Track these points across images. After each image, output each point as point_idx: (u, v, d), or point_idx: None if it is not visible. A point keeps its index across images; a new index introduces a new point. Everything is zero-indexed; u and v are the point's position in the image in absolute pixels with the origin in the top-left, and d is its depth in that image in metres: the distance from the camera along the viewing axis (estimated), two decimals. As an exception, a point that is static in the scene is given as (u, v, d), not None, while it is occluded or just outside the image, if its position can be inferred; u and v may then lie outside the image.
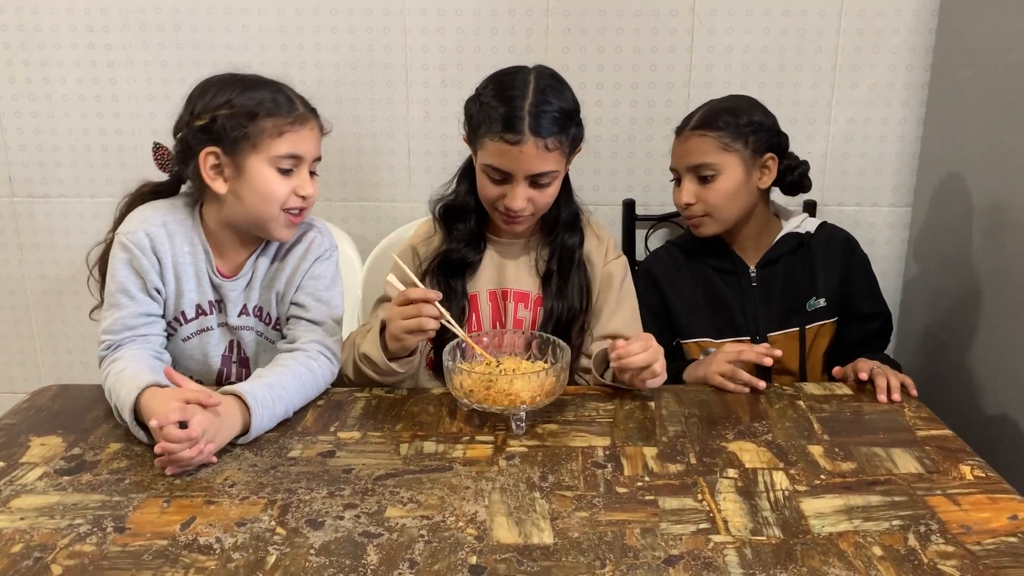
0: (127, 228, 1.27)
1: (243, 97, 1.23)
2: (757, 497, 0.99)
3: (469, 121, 1.39)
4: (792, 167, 1.50)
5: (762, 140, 1.45)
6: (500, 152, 1.31)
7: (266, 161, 1.23)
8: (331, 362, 1.31)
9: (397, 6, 1.76)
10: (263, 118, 1.22)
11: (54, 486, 1.03)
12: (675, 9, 1.74)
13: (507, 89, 1.33)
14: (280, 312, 1.35)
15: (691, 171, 1.46)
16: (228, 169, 1.23)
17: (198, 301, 1.31)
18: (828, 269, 1.51)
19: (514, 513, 0.96)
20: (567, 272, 1.44)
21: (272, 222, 1.26)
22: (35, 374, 2.04)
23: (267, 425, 1.16)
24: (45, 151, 1.88)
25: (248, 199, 1.24)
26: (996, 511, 0.96)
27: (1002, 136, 1.47)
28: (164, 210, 1.30)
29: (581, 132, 1.39)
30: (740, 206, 1.47)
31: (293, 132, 1.24)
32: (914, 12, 1.72)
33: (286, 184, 1.25)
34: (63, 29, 1.79)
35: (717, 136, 1.43)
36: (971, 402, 1.55)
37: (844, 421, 1.20)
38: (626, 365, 1.21)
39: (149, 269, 1.26)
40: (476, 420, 1.19)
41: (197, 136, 1.23)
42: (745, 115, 1.45)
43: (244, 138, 1.21)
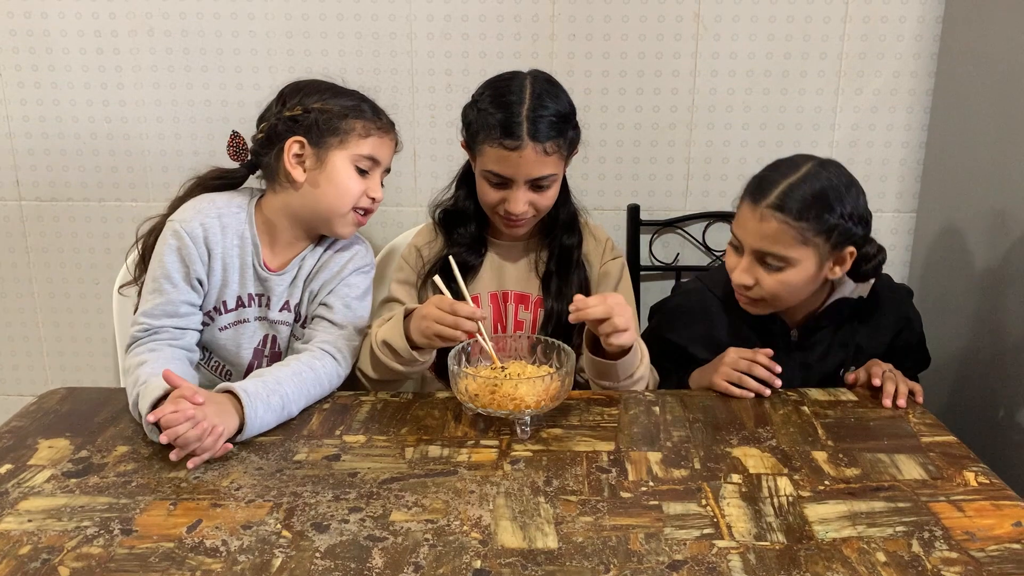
0: (182, 216, 1.32)
1: (336, 100, 1.33)
2: (761, 502, 0.99)
3: (467, 127, 1.41)
4: (869, 257, 1.31)
5: (847, 234, 1.26)
6: (499, 158, 1.33)
7: (348, 158, 1.31)
8: (338, 363, 1.31)
9: (403, 12, 1.77)
10: (354, 119, 1.32)
11: (61, 488, 1.04)
12: (680, 15, 1.74)
13: (504, 95, 1.35)
14: (309, 311, 1.39)
15: (757, 254, 1.27)
16: (310, 160, 1.31)
17: (239, 293, 1.35)
18: (874, 339, 1.38)
19: (518, 517, 0.96)
20: (566, 272, 1.45)
21: (341, 218, 1.33)
22: (42, 377, 2.05)
23: (264, 418, 1.15)
24: (53, 155, 1.89)
25: (324, 191, 1.31)
26: (1000, 518, 0.96)
27: (1007, 142, 1.48)
28: (221, 201, 1.35)
29: (578, 134, 1.41)
30: (801, 296, 1.31)
31: (378, 137, 1.34)
32: (918, 18, 1.73)
33: (361, 183, 1.33)
34: (72, 34, 1.80)
35: (799, 227, 1.23)
36: (976, 408, 1.55)
37: (848, 427, 1.20)
38: (583, 317, 1.19)
39: (196, 259, 1.30)
40: (481, 424, 1.20)
41: (287, 124, 1.31)
42: (838, 207, 1.24)
43: (333, 132, 1.30)
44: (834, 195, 1.25)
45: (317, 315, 1.37)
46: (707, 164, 1.83)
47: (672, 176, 1.85)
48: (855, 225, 1.27)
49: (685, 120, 1.81)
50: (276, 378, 1.21)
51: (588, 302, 1.20)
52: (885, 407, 1.25)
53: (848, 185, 1.28)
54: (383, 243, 1.77)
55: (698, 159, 1.84)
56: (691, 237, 1.88)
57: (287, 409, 1.20)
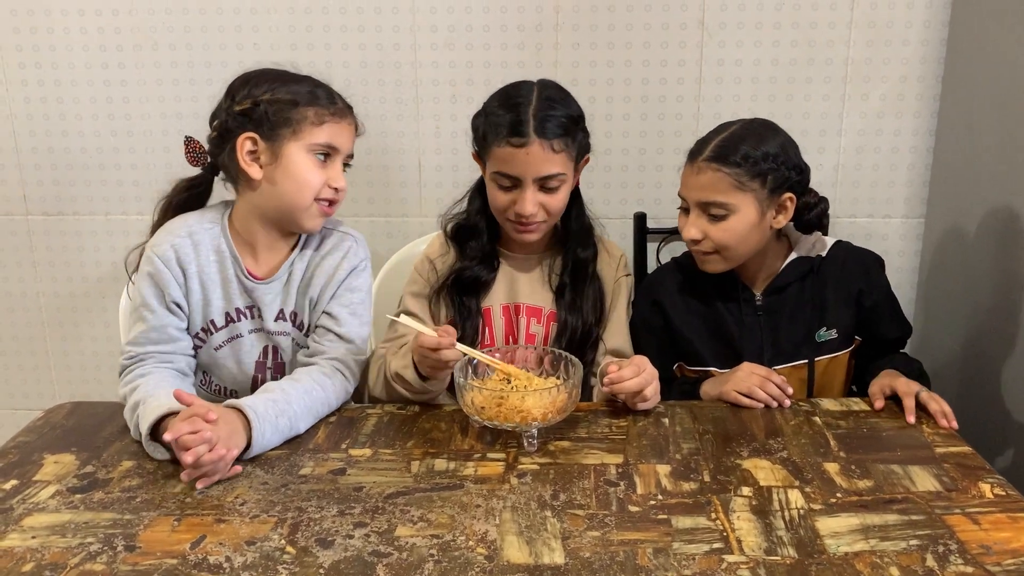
0: (154, 241, 1.30)
1: (285, 88, 1.26)
2: (772, 516, 0.98)
3: (476, 134, 1.41)
4: (810, 206, 1.39)
5: (781, 178, 1.33)
6: (507, 157, 1.33)
7: (304, 148, 1.25)
8: (347, 380, 1.31)
9: (407, 23, 1.77)
10: (305, 107, 1.25)
11: (66, 504, 1.03)
12: (684, 23, 1.74)
13: (512, 98, 1.36)
14: (312, 320, 1.35)
15: (700, 206, 1.35)
16: (265, 155, 1.25)
17: (227, 309, 1.32)
18: (840, 297, 1.41)
19: (525, 532, 0.95)
20: (581, 285, 1.44)
21: (304, 212, 1.28)
22: (49, 391, 2.05)
23: (271, 439, 1.15)
24: (59, 169, 1.89)
25: (283, 185, 1.26)
26: (1017, 530, 0.94)
27: (1015, 146, 1.46)
28: (191, 220, 1.31)
29: (587, 140, 1.41)
30: (750, 245, 1.37)
31: (334, 123, 1.27)
32: (924, 23, 1.72)
33: (321, 173, 1.27)
34: (77, 48, 1.81)
35: (733, 173, 1.31)
36: (988, 415, 1.53)
37: (861, 437, 1.18)
38: (618, 391, 1.22)
39: (170, 281, 1.27)
40: (488, 437, 1.19)
41: (237, 120, 1.25)
42: (765, 150, 1.32)
43: (285, 124, 1.24)
44: (762, 143, 1.33)
45: (322, 325, 1.33)
46: (714, 172, 1.82)
47: (678, 184, 1.83)
48: (788, 170, 1.34)
49: (691, 128, 1.80)
50: (286, 397, 1.20)
51: (623, 375, 1.21)
52: (942, 427, 1.21)
53: (776, 135, 1.36)
54: (389, 253, 1.76)
55: (705, 167, 1.82)
56: (698, 245, 1.87)
57: (294, 429, 1.19)
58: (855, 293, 1.42)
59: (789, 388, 1.29)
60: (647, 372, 1.23)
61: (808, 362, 1.42)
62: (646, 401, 1.24)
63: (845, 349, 1.44)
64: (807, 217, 1.40)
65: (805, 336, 1.42)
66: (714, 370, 1.43)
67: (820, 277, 1.42)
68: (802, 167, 1.38)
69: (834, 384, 1.45)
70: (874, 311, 1.43)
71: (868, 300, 1.43)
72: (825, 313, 1.42)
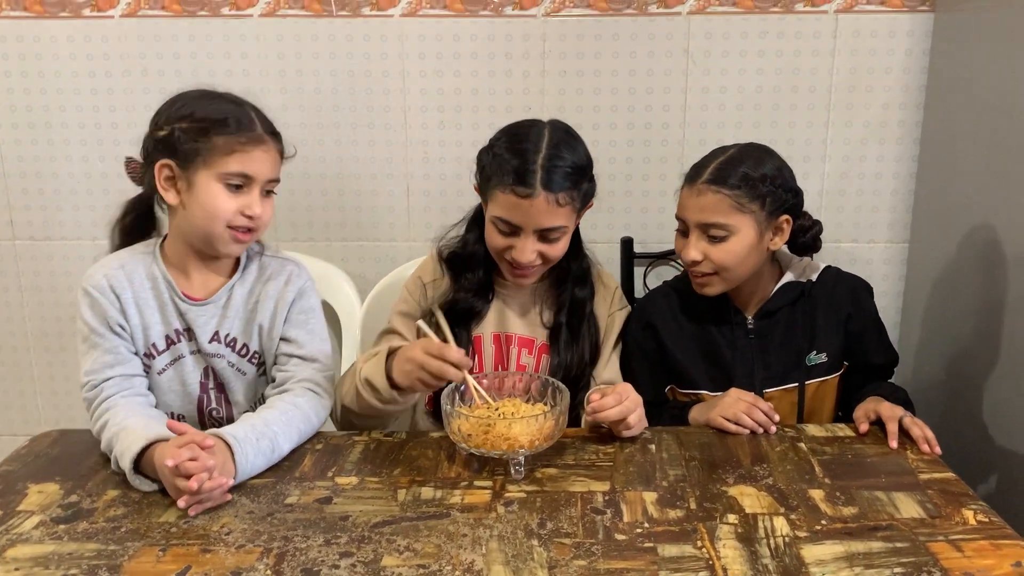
0: (87, 276, 1.31)
1: (203, 111, 1.25)
2: (757, 543, 0.98)
3: (481, 171, 1.39)
4: (805, 228, 1.43)
5: (779, 200, 1.36)
6: (511, 205, 1.31)
7: (214, 177, 1.24)
8: (320, 397, 1.31)
9: (395, 50, 1.78)
10: (215, 135, 1.23)
11: (50, 535, 1.02)
12: (669, 51, 1.76)
13: (520, 142, 1.33)
14: (266, 347, 1.36)
15: (700, 228, 1.36)
16: (180, 182, 1.25)
17: (166, 332, 1.32)
18: (830, 322, 1.43)
19: (511, 562, 0.95)
20: (577, 325, 1.43)
21: (217, 239, 1.27)
22: (35, 417, 2.04)
23: (255, 461, 1.15)
24: (46, 194, 1.89)
25: (195, 213, 1.25)
26: (1000, 558, 0.95)
27: (996, 171, 1.48)
28: (123, 255, 1.33)
29: (593, 188, 1.39)
30: (748, 267, 1.38)
31: (244, 152, 1.24)
32: (906, 51, 1.74)
33: (233, 202, 1.25)
34: (65, 74, 1.82)
35: (733, 195, 1.33)
36: (972, 440, 1.54)
37: (846, 464, 1.19)
38: (600, 419, 1.22)
39: (108, 307, 1.28)
40: (475, 464, 1.19)
41: (156, 147, 1.26)
42: (763, 172, 1.34)
43: (195, 153, 1.23)
44: (760, 166, 1.36)
45: (283, 352, 1.34)
46: (700, 197, 1.84)
47: (664, 209, 1.85)
48: (785, 193, 1.37)
49: (676, 154, 1.82)
50: (264, 420, 1.21)
51: (605, 403, 1.21)
52: (924, 452, 1.22)
53: (772, 158, 1.39)
54: (377, 278, 1.77)
55: (690, 192, 1.84)
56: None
57: (277, 451, 1.19)
58: (843, 318, 1.44)
59: (775, 415, 1.30)
60: (630, 400, 1.23)
61: (799, 385, 1.43)
62: (630, 429, 1.24)
63: (835, 373, 1.45)
64: (802, 240, 1.43)
65: (796, 360, 1.43)
66: (705, 393, 1.43)
67: (811, 301, 1.44)
68: (797, 190, 1.40)
69: (824, 408, 1.46)
70: (861, 336, 1.45)
71: (855, 325, 1.45)
72: (815, 337, 1.43)
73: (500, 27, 1.76)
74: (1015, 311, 1.43)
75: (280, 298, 1.35)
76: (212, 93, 1.29)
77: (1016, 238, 1.43)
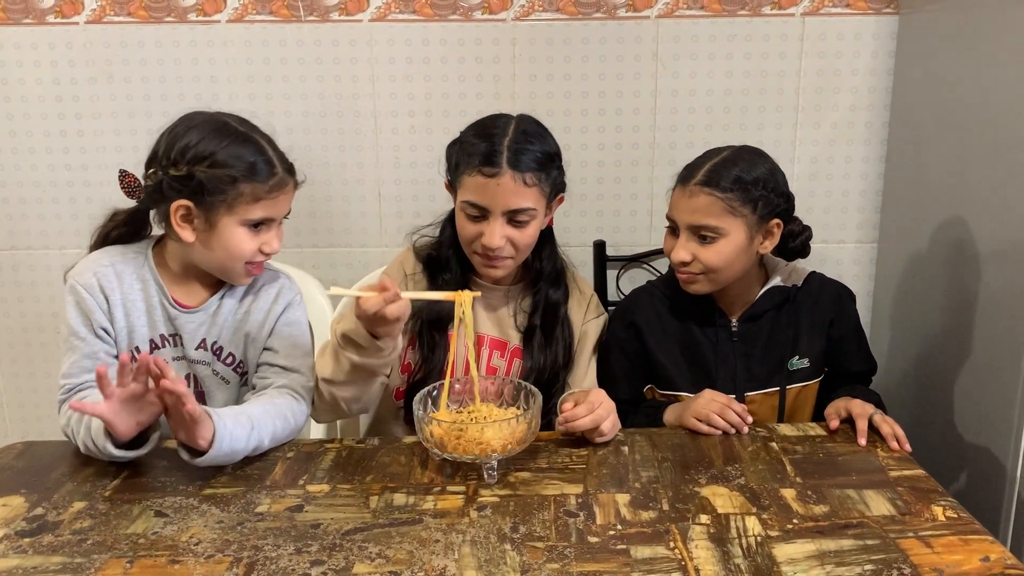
0: (75, 272, 1.29)
1: (225, 154, 1.21)
2: (729, 544, 0.98)
3: (449, 163, 1.39)
4: (795, 234, 1.43)
5: (770, 204, 1.36)
6: (478, 186, 1.31)
7: (238, 222, 1.24)
8: (297, 401, 1.30)
9: (365, 55, 1.78)
10: (243, 183, 1.22)
11: (14, 549, 1.00)
12: (638, 55, 1.77)
13: (488, 128, 1.35)
14: (250, 357, 1.35)
15: (692, 229, 1.37)
16: (199, 221, 1.24)
17: (151, 336, 1.31)
18: (813, 327, 1.45)
19: (484, 567, 0.95)
20: (551, 328, 1.42)
21: (232, 272, 1.29)
22: (2, 429, 2.00)
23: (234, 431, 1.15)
24: (12, 203, 1.86)
25: (214, 252, 1.26)
26: (968, 553, 0.96)
27: (963, 170, 1.50)
28: (112, 252, 1.32)
29: (562, 178, 1.39)
30: (737, 269, 1.39)
31: (270, 200, 1.25)
32: (872, 53, 1.76)
33: (254, 241, 1.27)
34: (29, 81, 1.79)
35: (725, 198, 1.33)
36: (942, 436, 1.56)
37: (817, 462, 1.19)
38: (572, 428, 1.22)
39: (95, 308, 1.27)
40: (448, 469, 1.18)
41: (173, 186, 1.22)
42: (756, 175, 1.35)
43: (221, 198, 1.22)
44: (753, 169, 1.36)
45: (265, 362, 1.34)
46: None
47: (636, 212, 1.86)
48: (777, 197, 1.37)
49: (647, 157, 1.83)
50: (243, 407, 1.22)
51: (577, 413, 1.21)
52: (893, 449, 1.23)
53: (765, 162, 1.39)
54: (349, 284, 1.75)
55: (661, 195, 1.84)
56: (657, 272, 1.89)
57: (256, 430, 1.19)
58: (827, 324, 1.45)
59: (748, 417, 1.30)
60: (602, 408, 1.23)
61: (780, 390, 1.44)
62: (603, 436, 1.24)
63: (816, 378, 1.46)
64: (792, 244, 1.44)
65: (778, 364, 1.44)
66: (684, 395, 1.43)
67: (795, 306, 1.45)
68: (789, 195, 1.41)
69: (805, 412, 1.47)
70: (841, 343, 1.46)
71: (837, 332, 1.46)
72: (798, 342, 1.44)
73: (470, 31, 1.76)
74: (983, 309, 1.45)
75: (269, 310, 1.35)
76: (227, 126, 1.25)
77: (983, 236, 1.44)
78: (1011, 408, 1.36)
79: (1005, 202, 1.37)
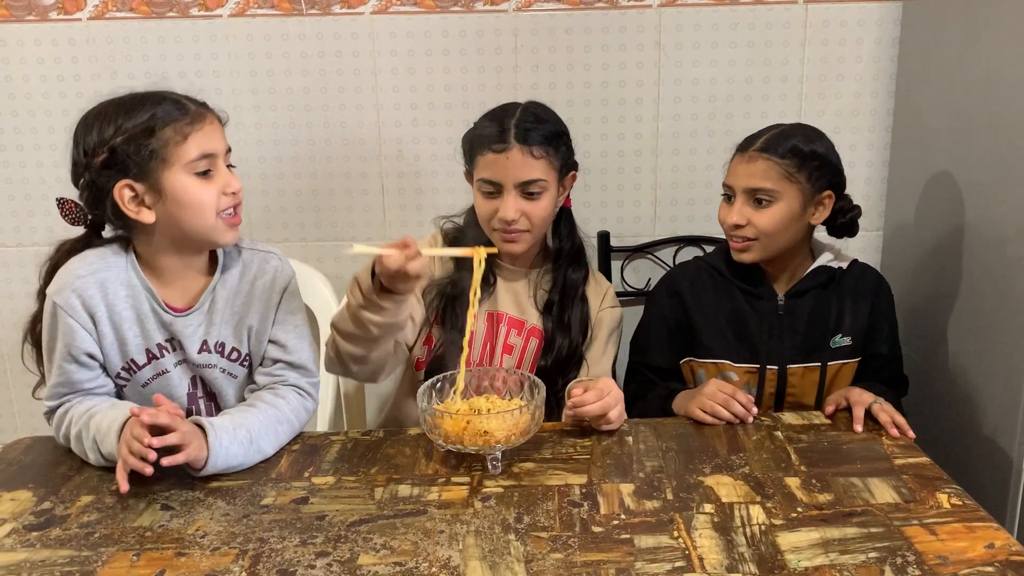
0: (54, 288, 1.22)
1: (131, 119, 1.16)
2: (733, 532, 0.99)
3: (464, 150, 1.46)
4: (846, 209, 1.46)
5: (824, 176, 1.41)
6: (489, 163, 1.39)
7: (182, 171, 1.17)
8: (303, 399, 1.30)
9: (367, 48, 1.77)
10: (160, 129, 1.15)
11: (22, 543, 1.01)
12: (641, 44, 1.76)
13: (498, 113, 1.43)
14: (254, 350, 1.31)
15: (748, 193, 1.41)
16: (149, 196, 1.17)
17: (146, 346, 1.25)
18: (856, 308, 1.47)
19: (488, 556, 0.95)
20: (569, 303, 1.47)
21: (212, 230, 1.21)
22: (11, 425, 2.02)
23: (230, 449, 1.14)
24: (17, 200, 1.87)
25: (181, 217, 1.19)
26: (973, 540, 0.96)
27: (967, 158, 1.49)
28: (92, 258, 1.23)
29: (571, 155, 1.46)
30: (788, 237, 1.42)
31: (197, 132, 1.18)
32: (876, 40, 1.75)
33: (211, 188, 1.19)
34: (33, 78, 1.80)
35: (783, 163, 1.38)
36: (947, 424, 1.56)
37: (821, 451, 1.19)
38: (581, 414, 1.23)
39: (77, 331, 1.20)
40: (452, 461, 1.18)
41: (102, 174, 1.16)
42: (813, 148, 1.40)
43: (151, 157, 1.15)
44: (810, 142, 1.41)
45: (272, 357, 1.31)
46: (674, 189, 1.85)
47: (640, 202, 1.86)
48: (830, 170, 1.42)
49: (651, 147, 1.82)
50: (242, 415, 1.20)
51: (586, 399, 1.22)
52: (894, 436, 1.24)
53: (823, 139, 1.44)
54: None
55: (665, 184, 1.85)
56: (661, 262, 1.88)
57: (256, 444, 1.18)
58: (868, 305, 1.48)
59: (753, 408, 1.30)
60: (611, 396, 1.23)
61: (821, 365, 1.46)
62: (611, 424, 1.25)
63: (857, 357, 1.48)
64: (841, 220, 1.47)
65: (821, 340, 1.46)
66: (725, 363, 1.47)
67: (839, 287, 1.48)
68: (842, 171, 1.45)
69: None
70: (879, 324, 1.49)
71: (876, 315, 1.48)
72: (842, 320, 1.47)
73: (471, 22, 1.76)
74: (990, 296, 1.44)
75: (269, 299, 1.30)
76: (122, 98, 1.20)
77: (989, 223, 1.44)
78: (1017, 396, 1.35)
79: (1011, 189, 1.36)
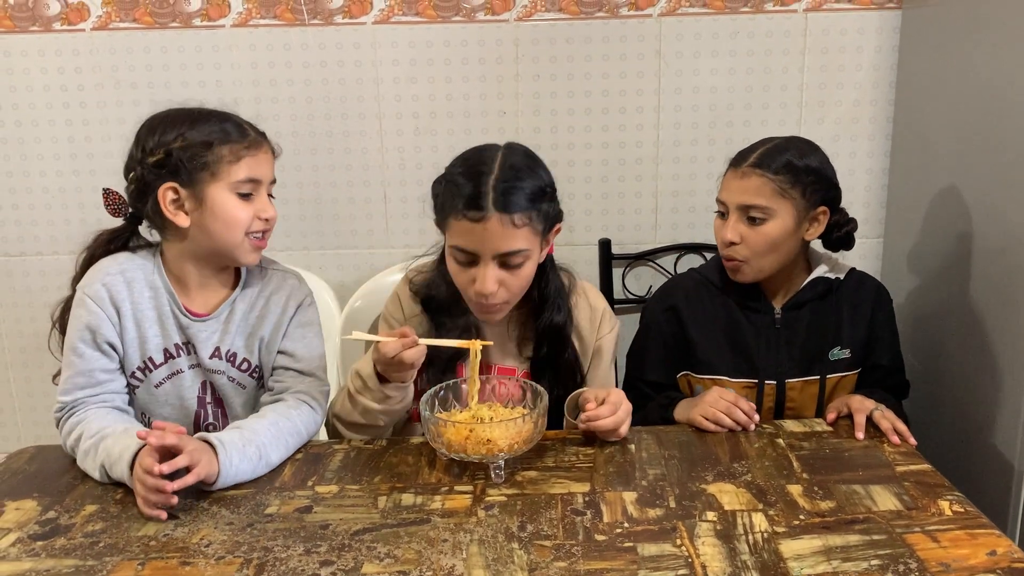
0: (85, 282, 1.28)
1: (194, 130, 1.23)
2: (736, 540, 0.99)
3: (435, 203, 1.31)
4: (841, 224, 1.44)
5: (819, 191, 1.39)
6: (464, 231, 1.23)
7: (226, 188, 1.23)
8: (314, 410, 1.30)
9: (368, 57, 1.78)
10: (219, 146, 1.22)
11: (27, 552, 1.01)
12: (641, 53, 1.77)
13: (473, 166, 1.26)
14: (264, 361, 1.35)
15: (741, 210, 1.39)
16: (189, 202, 1.23)
17: (164, 346, 1.30)
18: (855, 318, 1.46)
19: (492, 565, 0.95)
20: (557, 354, 1.37)
21: (238, 248, 1.26)
22: (15, 434, 2.02)
23: (240, 466, 1.15)
24: (21, 209, 1.88)
25: (212, 228, 1.24)
26: (975, 547, 0.96)
27: (968, 164, 1.50)
28: (121, 259, 1.30)
29: (555, 209, 1.31)
30: (783, 254, 1.41)
31: (250, 156, 1.25)
32: (876, 48, 1.76)
33: (248, 209, 1.25)
34: (37, 88, 1.81)
35: (776, 180, 1.36)
36: (947, 430, 1.56)
37: (824, 458, 1.20)
38: (594, 428, 1.22)
39: (103, 320, 1.26)
40: (455, 469, 1.18)
41: (153, 172, 1.22)
42: (807, 163, 1.38)
43: (202, 168, 1.22)
44: (804, 156, 1.39)
45: (280, 365, 1.34)
46: (675, 197, 1.85)
47: (641, 210, 1.86)
48: (825, 185, 1.40)
49: (651, 155, 1.83)
50: (252, 429, 1.21)
51: (600, 412, 1.21)
52: (895, 444, 1.24)
53: (816, 152, 1.42)
54: (356, 286, 1.77)
55: (665, 192, 1.85)
56: (662, 269, 1.89)
57: (264, 457, 1.19)
58: (867, 316, 1.47)
59: (755, 415, 1.30)
60: (622, 410, 1.23)
61: (820, 378, 1.45)
62: (618, 436, 1.25)
63: (856, 369, 1.47)
64: (837, 235, 1.45)
65: (819, 353, 1.45)
66: (723, 379, 1.45)
67: (837, 298, 1.46)
68: (837, 186, 1.43)
69: None
70: (879, 334, 1.47)
71: (876, 325, 1.47)
72: (840, 332, 1.46)
73: (472, 32, 1.77)
74: (990, 303, 1.45)
75: (282, 314, 1.34)
76: (188, 111, 1.27)
77: (990, 230, 1.44)
78: (1019, 402, 1.36)
79: (1011, 196, 1.36)
